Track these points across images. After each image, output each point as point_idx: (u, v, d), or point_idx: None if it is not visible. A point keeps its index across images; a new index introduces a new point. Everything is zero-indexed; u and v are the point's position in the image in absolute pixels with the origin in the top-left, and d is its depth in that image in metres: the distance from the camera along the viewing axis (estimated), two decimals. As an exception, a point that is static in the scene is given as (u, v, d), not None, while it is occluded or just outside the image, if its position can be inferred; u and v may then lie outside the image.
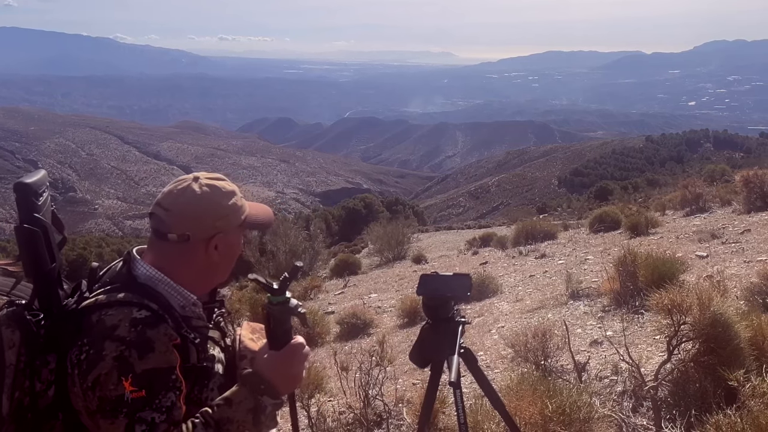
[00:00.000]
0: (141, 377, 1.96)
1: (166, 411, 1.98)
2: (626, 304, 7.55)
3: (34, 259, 2.15)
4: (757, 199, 13.95)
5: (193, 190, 2.22)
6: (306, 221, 38.10)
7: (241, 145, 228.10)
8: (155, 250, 2.25)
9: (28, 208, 2.17)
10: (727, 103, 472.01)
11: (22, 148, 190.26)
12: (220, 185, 2.26)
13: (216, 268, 2.30)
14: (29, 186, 2.20)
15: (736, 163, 71.55)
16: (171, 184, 2.27)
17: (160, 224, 2.22)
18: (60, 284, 2.21)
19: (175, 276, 2.22)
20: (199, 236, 2.22)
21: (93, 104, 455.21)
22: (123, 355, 1.97)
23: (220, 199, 2.24)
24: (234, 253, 2.32)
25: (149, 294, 2.14)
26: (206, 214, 2.22)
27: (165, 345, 2.02)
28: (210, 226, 2.22)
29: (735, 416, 3.50)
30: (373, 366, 5.39)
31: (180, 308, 2.20)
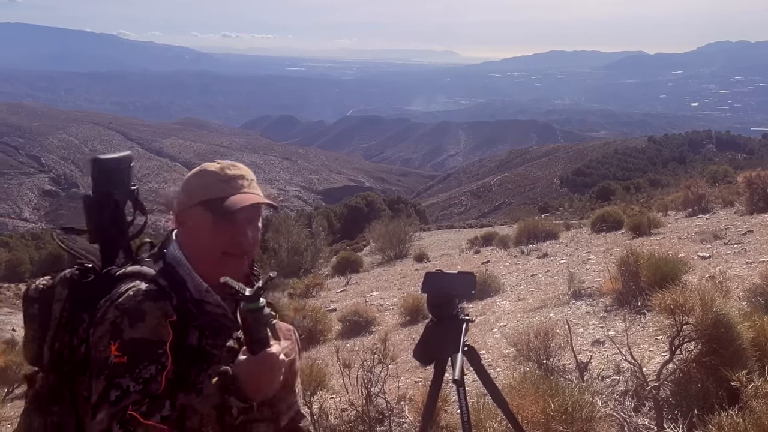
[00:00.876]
0: (127, 344, 2.06)
1: (143, 382, 2.04)
2: (628, 304, 7.55)
3: (94, 226, 2.45)
4: (759, 200, 13.94)
5: (189, 173, 2.37)
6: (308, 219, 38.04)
7: (243, 142, 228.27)
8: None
9: (95, 181, 2.49)
10: (730, 104, 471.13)
11: (26, 143, 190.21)
12: (207, 166, 2.36)
13: (197, 250, 2.31)
14: (99, 161, 2.51)
15: (739, 164, 71.44)
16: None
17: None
18: (127, 253, 2.44)
19: (188, 260, 2.32)
20: (175, 212, 2.36)
21: (96, 100, 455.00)
22: (116, 321, 2.09)
23: (194, 177, 2.36)
24: (201, 235, 2.28)
25: (167, 272, 2.27)
26: (180, 191, 2.37)
27: (157, 318, 2.11)
28: (178, 201, 2.34)
29: (737, 417, 3.50)
30: (376, 364, 5.40)
31: (196, 291, 2.27)
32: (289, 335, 2.38)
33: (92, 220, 2.46)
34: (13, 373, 10.12)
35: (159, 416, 1.97)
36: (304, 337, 9.72)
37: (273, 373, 2.03)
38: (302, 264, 22.19)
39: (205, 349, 2.20)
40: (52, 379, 2.25)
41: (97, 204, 2.45)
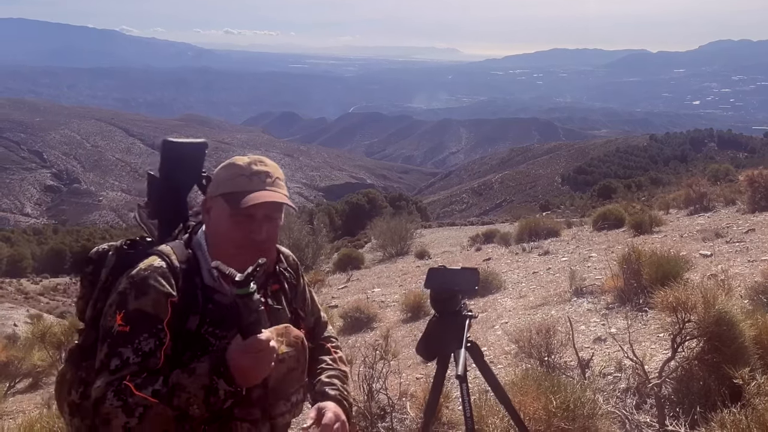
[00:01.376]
0: (130, 314, 2.16)
1: (143, 355, 2.13)
2: (630, 301, 7.55)
3: (153, 203, 2.60)
4: (761, 198, 13.93)
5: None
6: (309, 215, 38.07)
7: (245, 138, 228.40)
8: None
9: (162, 162, 2.58)
10: (732, 103, 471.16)
11: (28, 139, 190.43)
12: (236, 159, 2.41)
13: (215, 240, 2.36)
14: (168, 144, 2.61)
15: (740, 162, 71.58)
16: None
17: None
18: (187, 231, 2.51)
19: (209, 246, 2.38)
20: (205, 199, 2.44)
21: (98, 96, 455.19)
22: (125, 291, 2.21)
23: (222, 169, 2.42)
24: (220, 226, 2.33)
25: (187, 254, 2.34)
26: (213, 180, 2.44)
27: (159, 295, 2.19)
28: (209, 189, 2.44)
29: (740, 414, 3.50)
30: (377, 360, 5.40)
31: (208, 278, 2.32)
32: (296, 343, 2.34)
33: (152, 198, 2.60)
34: (15, 368, 10.12)
35: (151, 389, 2.05)
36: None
37: (260, 358, 2.06)
38: (304, 260, 22.17)
39: (203, 336, 2.23)
40: (91, 336, 2.35)
41: (160, 184, 2.59)
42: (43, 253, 55.17)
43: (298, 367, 2.36)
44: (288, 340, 2.32)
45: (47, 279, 46.16)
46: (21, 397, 9.67)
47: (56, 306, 32.93)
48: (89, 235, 66.82)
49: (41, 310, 28.63)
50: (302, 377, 2.42)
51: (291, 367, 2.32)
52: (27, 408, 8.34)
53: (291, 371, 2.32)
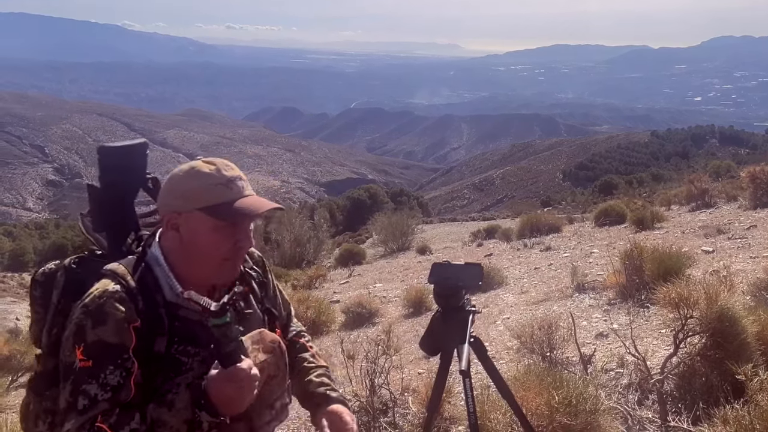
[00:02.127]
0: (90, 347, 2.00)
1: (111, 390, 2.00)
2: (632, 297, 7.55)
3: (97, 215, 2.43)
4: (763, 195, 13.93)
5: (175, 171, 2.23)
6: (311, 211, 38.06)
7: (246, 133, 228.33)
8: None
9: (100, 169, 2.42)
10: (734, 99, 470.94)
11: (30, 133, 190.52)
12: (200, 166, 2.20)
13: (187, 256, 2.21)
14: (105, 149, 2.44)
15: (742, 159, 71.33)
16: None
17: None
18: (139, 241, 2.40)
19: (169, 261, 2.23)
20: (163, 214, 2.24)
21: (100, 91, 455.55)
22: (80, 322, 2.04)
23: (187, 179, 2.19)
24: (199, 240, 2.17)
25: (142, 272, 2.18)
26: (170, 193, 2.21)
27: (118, 323, 2.03)
28: (168, 204, 2.21)
29: (742, 410, 3.51)
30: (379, 355, 5.40)
31: (171, 295, 2.18)
32: (272, 348, 2.25)
33: (95, 209, 2.44)
34: (17, 361, 10.14)
35: (128, 429, 1.95)
36: (308, 329, 9.72)
37: (243, 388, 1.99)
38: (305, 256, 22.23)
39: (173, 357, 2.12)
40: (49, 363, 2.23)
41: (102, 193, 2.42)
42: (45, 247, 55.02)
43: (279, 373, 2.28)
44: (264, 347, 2.24)
45: (49, 273, 46.12)
46: (23, 391, 9.69)
47: (58, 300, 32.91)
48: (91, 229, 66.81)
49: (43, 304, 28.63)
50: (284, 382, 2.33)
51: (271, 374, 2.24)
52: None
53: (271, 378, 2.24)
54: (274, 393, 2.28)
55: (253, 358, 2.15)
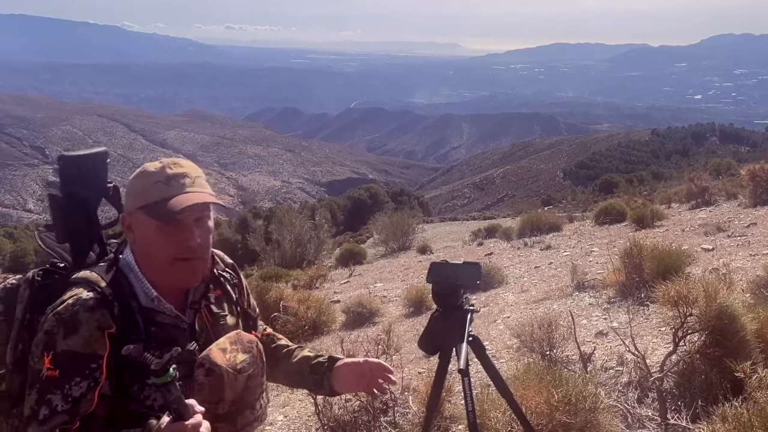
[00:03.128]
0: (59, 357, 1.99)
1: (72, 402, 1.99)
2: (632, 295, 7.55)
3: (61, 226, 2.38)
4: (763, 192, 13.93)
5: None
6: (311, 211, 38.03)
7: (247, 134, 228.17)
8: None
9: (61, 179, 2.40)
10: (734, 97, 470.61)
11: (30, 135, 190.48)
12: (147, 166, 2.23)
13: (143, 257, 2.22)
14: (65, 159, 2.43)
15: (742, 157, 71.29)
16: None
17: None
18: (102, 251, 2.38)
19: (140, 266, 2.22)
20: (124, 217, 2.26)
21: (100, 92, 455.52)
22: (52, 330, 2.02)
23: (134, 179, 2.23)
24: (147, 240, 2.18)
25: (116, 278, 2.17)
26: (126, 194, 2.24)
27: (91, 331, 2.03)
28: (126, 205, 2.24)
29: (741, 408, 3.51)
30: (380, 354, 5.41)
31: (145, 300, 2.18)
32: (250, 348, 2.26)
33: (58, 219, 2.40)
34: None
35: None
36: (308, 328, 9.76)
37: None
38: (306, 256, 22.20)
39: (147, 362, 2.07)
40: (15, 381, 2.18)
41: (64, 203, 2.38)
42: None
43: (258, 372, 2.28)
44: (243, 347, 2.25)
45: (50, 275, 46.22)
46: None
47: (59, 302, 32.97)
48: (91, 230, 66.90)
49: (44, 305, 28.69)
50: (263, 381, 2.34)
51: (251, 374, 2.24)
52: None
53: (251, 378, 2.25)
54: (255, 393, 2.29)
55: (233, 359, 2.18)
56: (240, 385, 2.18)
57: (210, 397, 2.12)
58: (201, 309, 2.29)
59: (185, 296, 2.28)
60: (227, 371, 2.15)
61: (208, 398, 2.11)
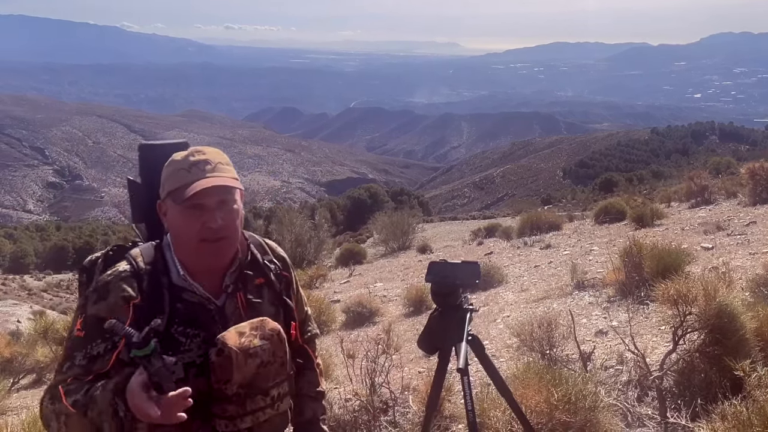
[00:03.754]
0: (87, 320, 2.19)
1: (89, 359, 2.16)
2: (631, 294, 7.55)
3: (136, 208, 2.65)
4: (762, 191, 13.92)
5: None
6: (311, 210, 38.09)
7: (246, 134, 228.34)
8: None
9: (140, 166, 2.63)
10: (733, 96, 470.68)
11: (29, 135, 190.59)
12: (175, 155, 2.35)
13: (177, 239, 2.33)
14: (145, 148, 2.64)
15: (742, 155, 71.30)
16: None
17: None
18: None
19: (173, 247, 2.37)
20: (159, 203, 2.40)
21: (100, 92, 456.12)
22: (88, 296, 2.25)
23: (164, 167, 2.36)
24: (175, 224, 2.29)
25: (155, 255, 2.34)
26: (161, 184, 2.38)
27: (117, 299, 2.19)
28: (160, 192, 2.37)
29: (741, 406, 3.51)
30: (379, 354, 5.41)
31: (177, 278, 2.31)
32: (270, 336, 2.29)
33: (135, 202, 2.64)
34: (19, 364, 10.15)
35: (73, 399, 2.07)
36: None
37: (141, 411, 1.94)
38: (306, 255, 22.20)
39: (172, 336, 2.21)
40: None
41: (141, 188, 2.60)
42: (46, 249, 55.23)
43: (275, 360, 2.31)
44: (263, 333, 2.28)
45: (50, 275, 46.31)
46: (25, 392, 9.70)
47: (59, 302, 32.97)
48: (91, 231, 66.93)
49: (44, 306, 28.69)
50: (282, 370, 2.36)
51: (265, 361, 2.27)
52: (31, 404, 8.36)
53: (265, 365, 2.27)
54: (269, 380, 2.31)
55: (247, 343, 2.23)
56: (250, 369, 2.23)
57: (219, 377, 2.20)
58: (236, 294, 2.38)
59: (221, 280, 2.37)
60: (237, 353, 2.19)
61: (218, 378, 2.20)
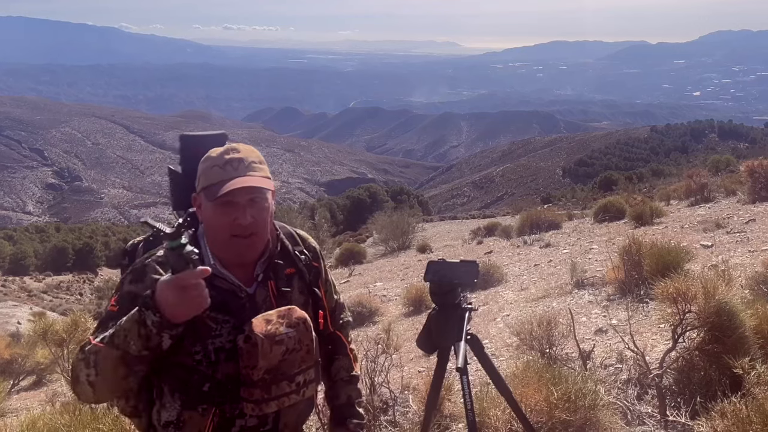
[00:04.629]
0: (122, 296, 2.29)
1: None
2: (631, 293, 7.56)
3: (175, 197, 2.72)
4: (761, 189, 13.93)
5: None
6: (311, 211, 38.11)
7: (246, 134, 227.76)
8: None
9: (180, 155, 2.72)
10: (732, 94, 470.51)
11: (29, 137, 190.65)
12: (212, 151, 2.40)
13: (210, 233, 2.39)
14: (186, 138, 2.74)
15: (741, 153, 71.46)
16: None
17: None
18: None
19: (206, 238, 2.43)
20: (194, 196, 2.46)
21: (99, 93, 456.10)
22: (125, 278, 2.35)
23: (201, 163, 2.42)
24: (207, 219, 2.36)
25: (191, 243, 2.30)
26: (196, 178, 2.44)
27: (152, 281, 2.20)
28: (196, 185, 2.43)
29: (740, 404, 3.52)
30: (379, 353, 5.41)
31: (209, 265, 2.30)
32: (297, 324, 2.35)
33: (174, 191, 2.72)
34: (19, 365, 10.15)
35: (101, 336, 2.16)
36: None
37: (184, 293, 2.06)
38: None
39: (203, 321, 2.26)
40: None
41: (180, 177, 2.68)
42: (46, 251, 55.18)
43: (301, 348, 2.36)
44: (289, 321, 2.34)
45: (50, 277, 46.36)
46: (25, 394, 9.71)
47: (59, 303, 33.04)
48: (91, 232, 66.91)
49: (44, 307, 28.74)
50: (308, 357, 2.41)
51: (291, 348, 2.33)
52: (30, 405, 8.37)
53: (291, 352, 2.33)
54: (295, 367, 2.37)
55: (274, 330, 2.30)
56: (276, 356, 2.29)
57: (246, 363, 2.26)
58: (267, 283, 2.45)
59: (253, 269, 2.45)
60: (263, 340, 2.26)
61: (245, 363, 2.26)
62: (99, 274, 50.74)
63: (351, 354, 2.87)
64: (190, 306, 2.08)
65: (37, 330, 9.00)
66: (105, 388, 2.19)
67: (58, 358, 7.82)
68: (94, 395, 2.21)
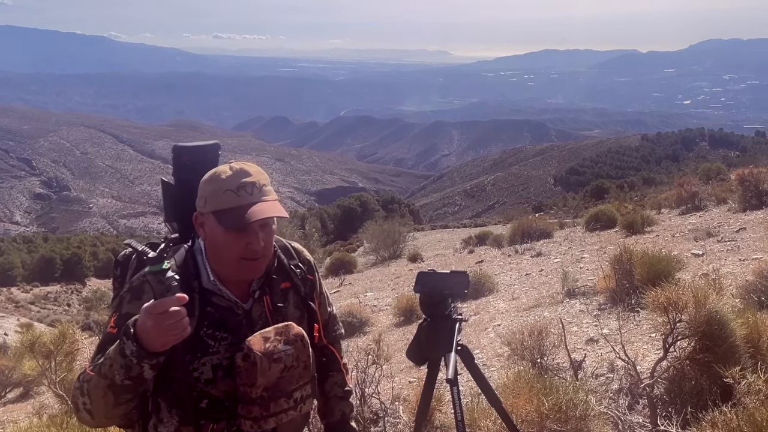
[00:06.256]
0: (120, 318, 2.22)
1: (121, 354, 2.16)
2: (622, 302, 7.55)
3: (169, 208, 2.67)
4: (752, 197, 13.96)
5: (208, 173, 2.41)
6: (301, 220, 38.05)
7: (236, 143, 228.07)
8: None
9: (173, 166, 2.67)
10: (723, 102, 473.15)
11: (17, 146, 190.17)
12: (220, 171, 2.35)
13: (214, 252, 2.36)
14: (179, 149, 2.68)
15: (732, 161, 71.71)
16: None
17: None
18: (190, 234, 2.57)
19: (207, 255, 2.41)
20: (196, 213, 2.40)
21: (88, 103, 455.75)
22: (123, 296, 2.29)
23: (207, 182, 2.35)
24: (216, 241, 2.31)
25: (186, 259, 2.40)
26: (199, 194, 2.38)
27: (151, 300, 2.12)
28: (198, 204, 2.38)
29: (731, 413, 3.50)
30: (370, 364, 5.39)
31: (207, 282, 2.36)
32: (294, 340, 2.35)
33: (168, 202, 2.67)
34: (5, 377, 10.07)
35: (93, 365, 2.15)
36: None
37: (161, 321, 2.00)
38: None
39: (201, 338, 2.27)
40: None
41: (173, 188, 2.64)
42: (34, 261, 54.87)
43: (298, 364, 2.36)
44: (287, 338, 2.33)
45: (38, 287, 46.13)
46: (12, 406, 9.63)
47: (47, 314, 32.80)
48: (80, 242, 66.59)
49: (32, 318, 28.58)
50: (305, 373, 2.41)
51: (289, 365, 2.32)
52: (17, 418, 8.30)
53: (289, 369, 2.33)
54: (292, 384, 2.37)
55: (272, 348, 2.30)
56: (274, 373, 2.29)
57: (245, 381, 2.26)
58: (263, 298, 2.44)
59: (249, 285, 2.44)
60: (261, 358, 2.26)
61: (243, 381, 2.26)
62: (87, 285, 50.44)
63: (344, 368, 2.87)
64: (168, 334, 2.03)
65: (25, 341, 8.91)
66: (101, 415, 2.17)
67: (46, 370, 7.75)
68: (93, 421, 2.20)
